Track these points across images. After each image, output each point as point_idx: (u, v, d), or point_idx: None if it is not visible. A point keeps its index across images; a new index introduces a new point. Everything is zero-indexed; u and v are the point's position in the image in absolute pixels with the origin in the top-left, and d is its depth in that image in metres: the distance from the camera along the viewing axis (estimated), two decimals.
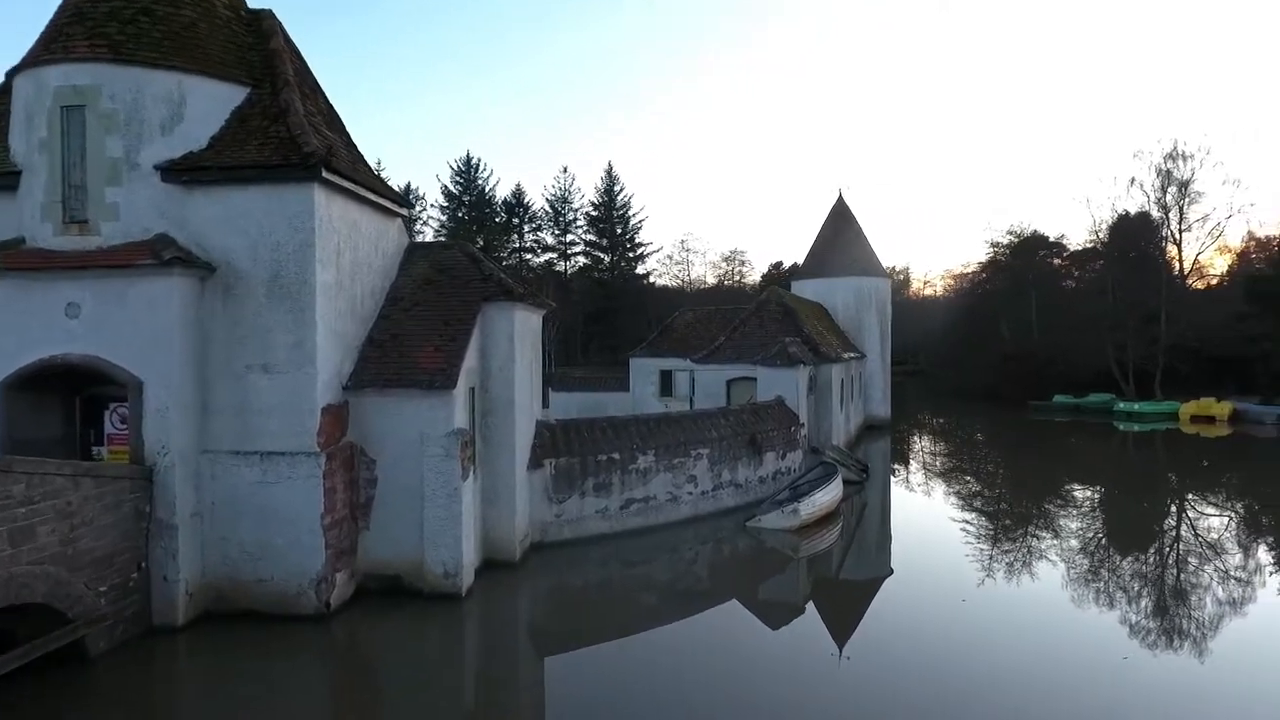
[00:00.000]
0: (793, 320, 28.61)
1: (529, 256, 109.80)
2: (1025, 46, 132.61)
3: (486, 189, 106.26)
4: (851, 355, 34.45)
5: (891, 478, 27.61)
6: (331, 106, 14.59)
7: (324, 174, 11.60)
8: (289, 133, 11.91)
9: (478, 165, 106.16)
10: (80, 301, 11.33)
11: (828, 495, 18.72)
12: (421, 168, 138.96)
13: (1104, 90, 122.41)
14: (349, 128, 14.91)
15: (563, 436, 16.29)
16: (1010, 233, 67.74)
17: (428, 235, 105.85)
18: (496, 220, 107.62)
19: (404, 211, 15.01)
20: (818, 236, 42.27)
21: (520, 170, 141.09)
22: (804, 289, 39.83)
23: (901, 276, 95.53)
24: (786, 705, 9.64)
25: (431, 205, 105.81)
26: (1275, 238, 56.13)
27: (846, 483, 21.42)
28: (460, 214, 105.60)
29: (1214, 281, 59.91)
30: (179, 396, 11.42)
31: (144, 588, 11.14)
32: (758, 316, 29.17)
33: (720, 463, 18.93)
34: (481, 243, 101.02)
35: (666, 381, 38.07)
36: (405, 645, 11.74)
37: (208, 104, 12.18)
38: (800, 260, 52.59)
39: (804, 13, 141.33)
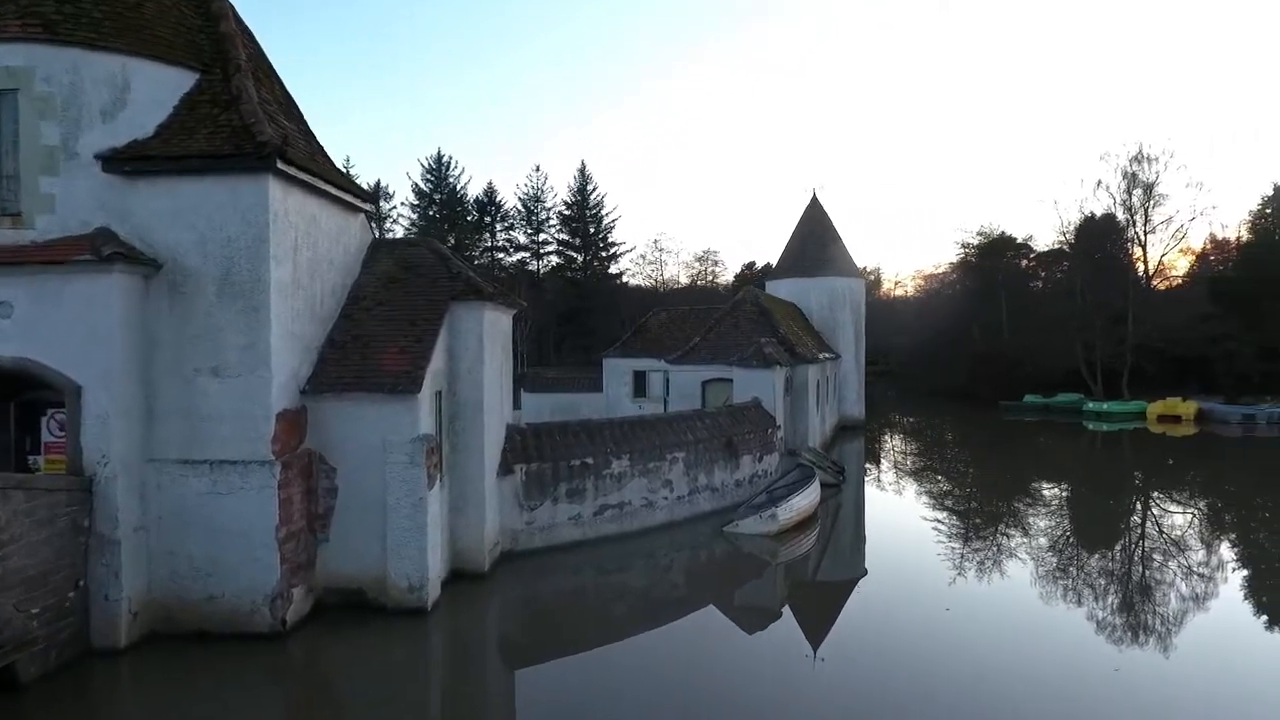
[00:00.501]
0: (768, 321, 28.29)
1: (501, 256, 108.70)
2: (996, 48, 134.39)
3: (458, 187, 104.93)
4: (827, 356, 34.28)
5: (865, 478, 27.49)
6: (289, 94, 13.88)
7: (279, 165, 10.92)
8: (242, 121, 11.21)
9: (449, 163, 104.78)
10: (12, 300, 10.52)
11: (805, 499, 18.37)
12: (392, 165, 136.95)
13: (1074, 92, 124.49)
14: (317, 124, 14.32)
15: (534, 441, 15.72)
16: (980, 234, 68.47)
17: (398, 233, 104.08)
18: (468, 219, 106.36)
19: (367, 206, 14.34)
20: (792, 236, 42.08)
21: (492, 168, 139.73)
22: (778, 289, 39.60)
23: (873, 277, 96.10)
24: (761, 709, 9.51)
25: (402, 203, 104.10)
26: (1236, 240, 57.28)
27: (823, 485, 21.11)
28: (431, 212, 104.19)
29: (1176, 283, 61.03)
30: (121, 402, 10.66)
31: (82, 608, 10.36)
32: (733, 317, 28.79)
33: (696, 467, 18.49)
34: (453, 241, 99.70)
35: (640, 382, 37.65)
36: (367, 663, 11.10)
37: (154, 89, 11.42)
38: (773, 260, 52.54)
39: (776, 14, 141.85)
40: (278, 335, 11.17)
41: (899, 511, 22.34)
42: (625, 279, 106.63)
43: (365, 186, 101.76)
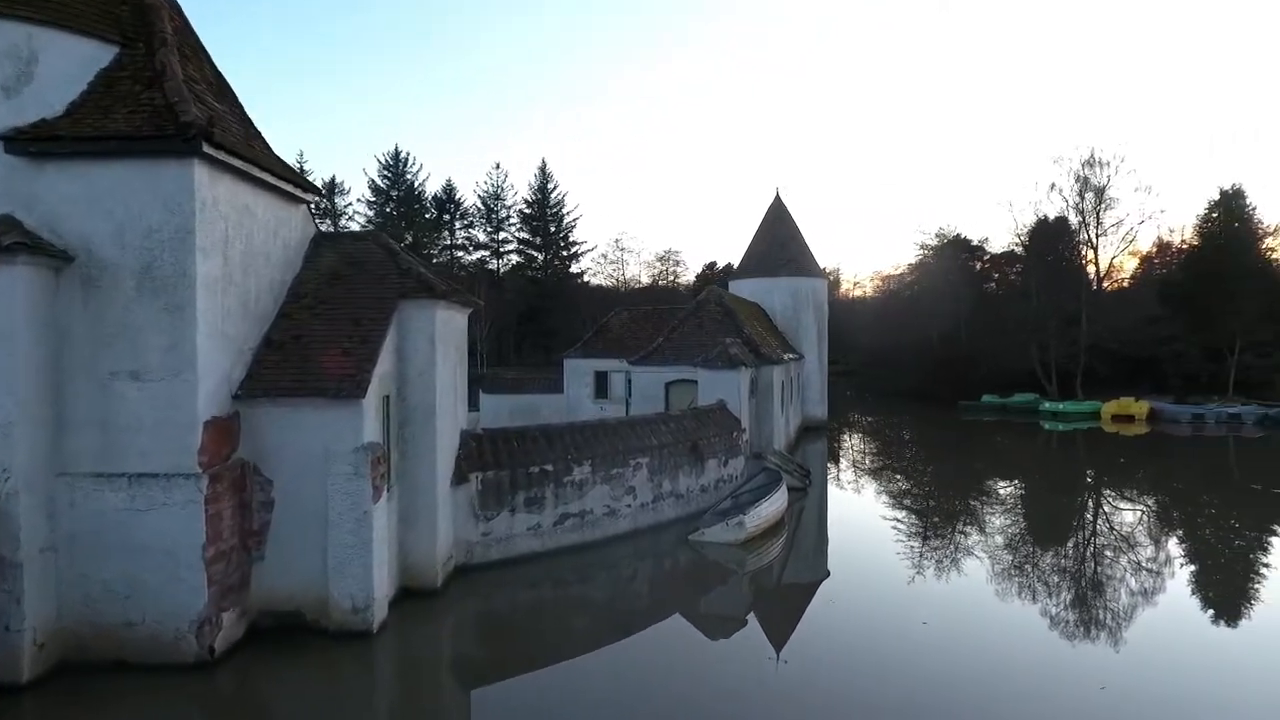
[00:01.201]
0: (733, 321, 27.80)
1: (461, 254, 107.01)
2: (955, 51, 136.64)
3: (416, 184, 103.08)
4: (791, 356, 33.96)
5: (829, 480, 27.28)
6: (221, 75, 12.81)
7: (206, 148, 9.92)
8: (165, 100, 10.18)
9: (407, 159, 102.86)
10: None
11: (773, 505, 17.85)
12: (348, 161, 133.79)
13: (1033, 96, 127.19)
14: (270, 120, 13.25)
15: (490, 447, 14.88)
16: (939, 235, 69.26)
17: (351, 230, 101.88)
18: (426, 216, 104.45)
19: (309, 197, 13.34)
20: (755, 235, 41.76)
21: (451, 166, 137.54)
22: (741, 289, 39.22)
23: (832, 278, 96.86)
24: (723, 715, 9.46)
25: (358, 200, 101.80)
26: (1183, 243, 58.77)
27: (790, 490, 20.65)
28: (389, 209, 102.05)
29: (1124, 284, 62.44)
30: (25, 409, 9.57)
31: None
32: (696, 317, 28.24)
33: (661, 472, 17.82)
34: (410, 239, 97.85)
35: (602, 383, 36.93)
36: (305, 692, 10.20)
37: (65, 63, 10.32)
38: (734, 260, 52.30)
39: (737, 13, 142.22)
40: (205, 335, 10.17)
41: (861, 511, 22.27)
42: (586, 278, 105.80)
43: (319, 182, 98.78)
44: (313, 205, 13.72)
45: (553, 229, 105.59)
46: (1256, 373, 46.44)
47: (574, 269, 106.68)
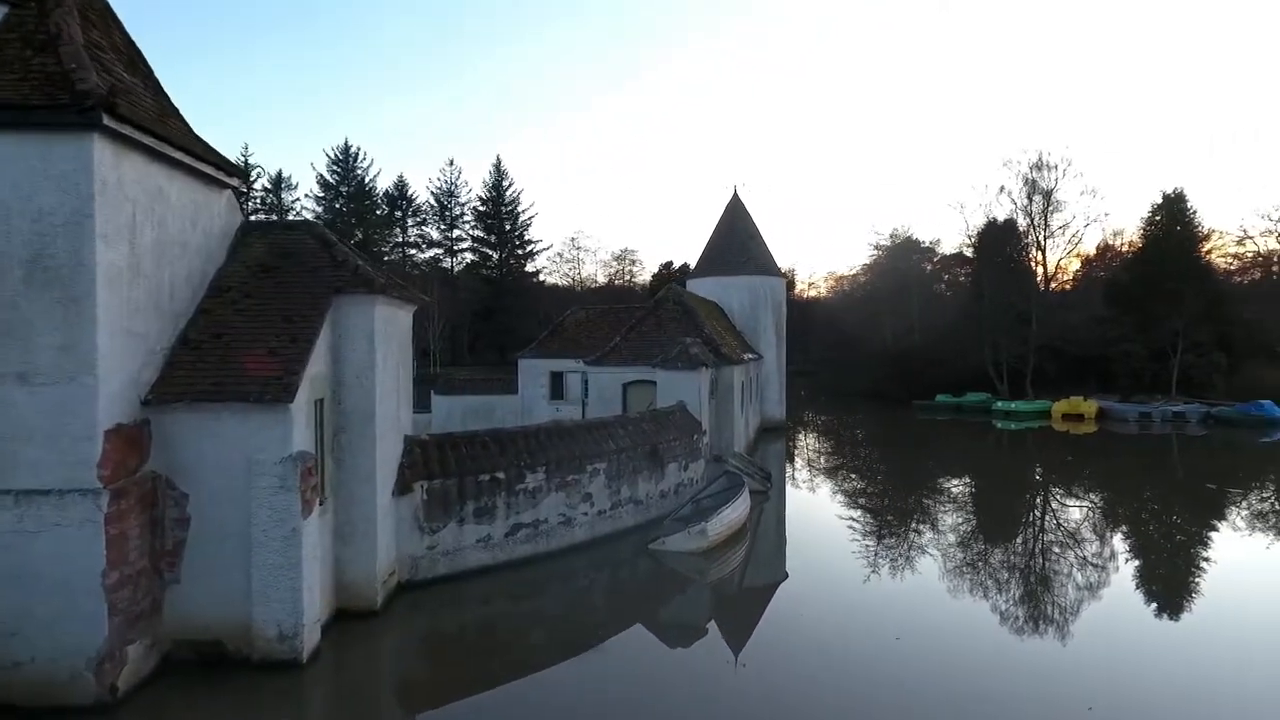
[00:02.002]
0: (692, 320, 27.12)
1: (414, 252, 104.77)
2: (906, 56, 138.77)
3: (366, 179, 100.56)
4: (750, 356, 33.47)
5: (787, 480, 26.98)
6: (135, 46, 11.56)
7: (108, 121, 8.77)
8: (60, 66, 9.00)
9: (357, 154, 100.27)
10: None
11: (735, 512, 17.18)
12: (296, 155, 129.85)
13: (982, 101, 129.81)
14: (215, 110, 12.11)
15: (437, 454, 13.87)
16: (893, 236, 69.89)
17: None
18: (377, 213, 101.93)
19: (234, 181, 12.16)
20: (713, 234, 41.19)
21: (403, 161, 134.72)
22: (699, 288, 38.60)
23: (788, 278, 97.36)
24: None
25: (306, 195, 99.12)
26: (1127, 245, 60.28)
27: (752, 493, 20.04)
28: (338, 205, 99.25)
29: (1069, 285, 63.79)
30: None
31: None
32: (655, 316, 27.48)
33: (619, 478, 17.00)
34: (361, 236, 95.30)
35: (558, 384, 36.02)
36: None
37: None
38: (691, 260, 51.73)
39: (693, 11, 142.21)
40: (108, 333, 9.01)
41: (818, 511, 22.13)
42: (542, 277, 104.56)
43: (265, 176, 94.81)
44: (241, 191, 12.53)
45: (508, 227, 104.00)
46: (1198, 372, 47.64)
47: (529, 268, 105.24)
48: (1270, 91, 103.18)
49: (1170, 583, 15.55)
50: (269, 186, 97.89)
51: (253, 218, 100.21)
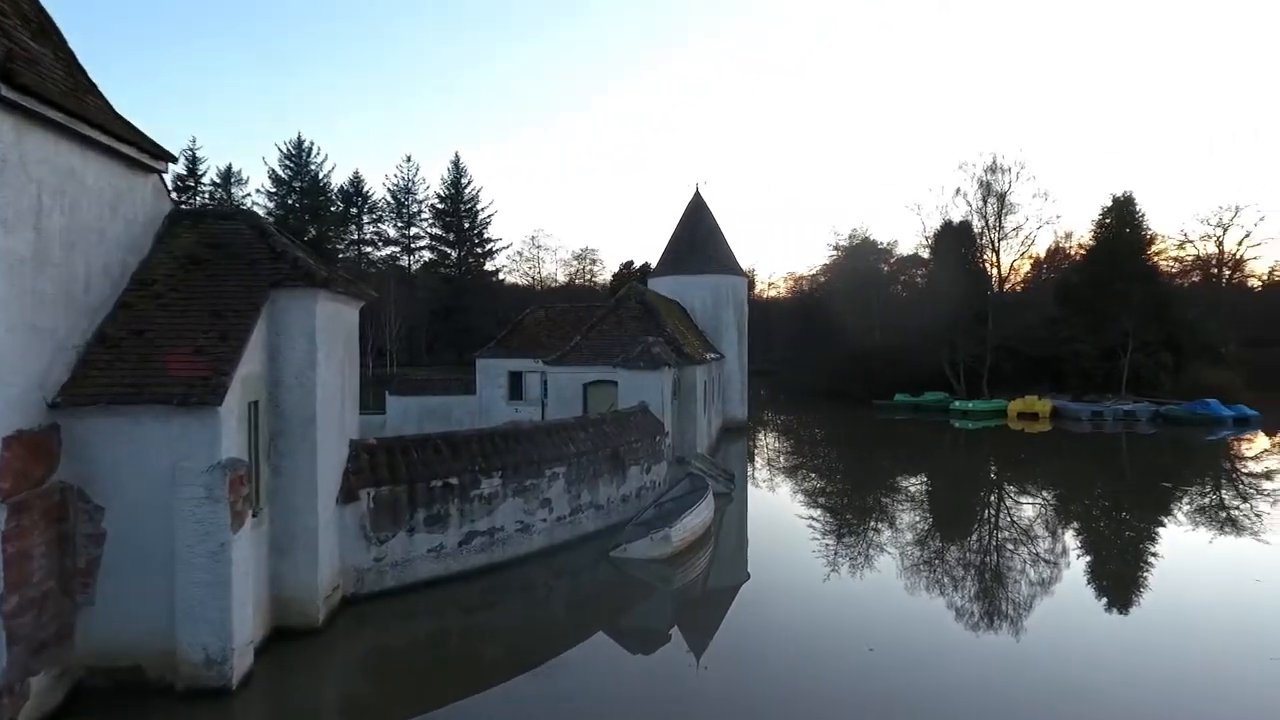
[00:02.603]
0: (654, 319, 26.57)
1: (370, 249, 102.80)
2: (873, 57, 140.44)
3: (320, 175, 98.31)
4: (713, 356, 33.08)
5: (749, 481, 26.69)
6: (47, 15, 10.56)
7: (6, 91, 7.84)
8: None
9: (310, 149, 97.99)
10: None
11: (700, 516, 16.67)
12: (246, 149, 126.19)
13: (939, 102, 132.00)
14: (164, 102, 11.01)
15: (385, 459, 13.06)
16: (852, 236, 70.43)
17: None
18: (332, 210, 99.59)
19: (160, 165, 11.21)
20: (675, 232, 40.74)
21: (359, 157, 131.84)
22: (660, 286, 38.11)
23: (749, 277, 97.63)
24: None
25: (257, 190, 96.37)
26: (1078, 247, 61.60)
27: (716, 496, 19.57)
28: (291, 201, 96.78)
29: (1021, 286, 64.97)
30: None
31: None
32: (616, 314, 26.87)
33: (579, 482, 16.35)
34: (314, 233, 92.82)
35: (516, 384, 35.24)
36: None
37: None
38: (652, 260, 51.25)
39: (657, 11, 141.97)
40: (5, 327, 8.08)
41: (780, 511, 21.87)
42: (502, 276, 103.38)
43: (214, 170, 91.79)
44: (167, 175, 11.56)
45: (466, 225, 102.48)
46: (1146, 371, 48.76)
47: (489, 266, 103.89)
48: (1212, 102, 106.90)
49: (1120, 578, 15.70)
50: (218, 181, 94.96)
51: None
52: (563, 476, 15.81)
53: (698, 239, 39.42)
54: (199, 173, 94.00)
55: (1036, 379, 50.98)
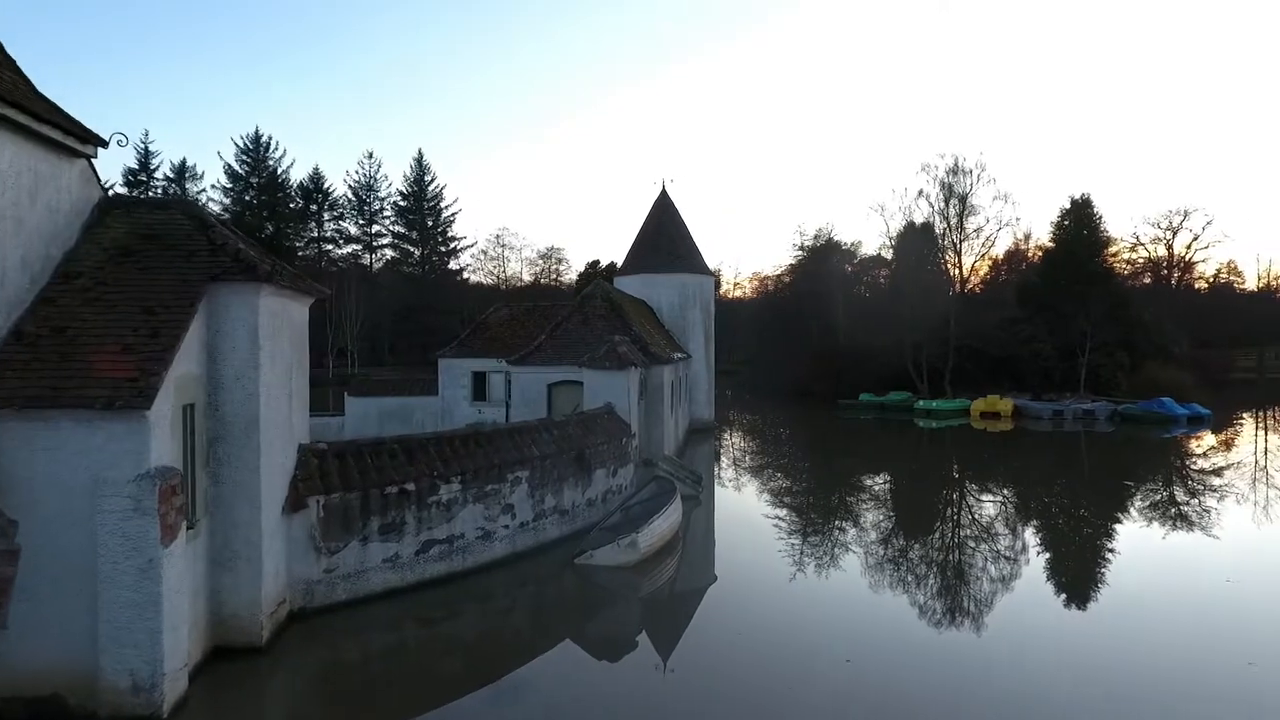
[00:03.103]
0: (620, 318, 26.07)
1: (330, 247, 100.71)
2: (834, 60, 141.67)
3: (279, 171, 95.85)
4: (680, 356, 32.68)
5: (716, 482, 26.50)
6: None
7: None
8: None
9: (269, 143, 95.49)
10: None
11: (668, 520, 16.20)
12: (202, 143, 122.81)
13: (907, 104, 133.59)
14: (105, 92, 10.17)
15: (337, 465, 12.35)
16: (817, 236, 70.73)
17: None
18: (291, 206, 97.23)
19: (89, 149, 10.38)
20: (641, 230, 40.26)
21: (319, 153, 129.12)
22: (626, 285, 37.62)
23: (716, 277, 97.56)
24: None
25: (213, 186, 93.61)
26: (1036, 248, 62.62)
27: (684, 498, 19.15)
28: (248, 197, 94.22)
29: (980, 288, 65.87)
30: None
31: None
32: (581, 313, 26.31)
33: (543, 486, 15.77)
34: (272, 229, 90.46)
35: (480, 384, 34.42)
36: None
37: None
38: (618, 259, 50.70)
39: (624, 7, 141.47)
40: None
41: (747, 512, 21.66)
42: (466, 275, 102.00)
43: (167, 165, 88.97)
44: (93, 160, 10.72)
45: (430, 223, 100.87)
46: (1104, 371, 49.68)
47: (453, 265, 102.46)
48: (1169, 107, 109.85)
49: (1075, 574, 15.86)
50: (172, 176, 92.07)
51: None
52: (526, 481, 15.23)
53: (664, 237, 39.01)
54: (151, 167, 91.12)
55: (998, 378, 51.59)
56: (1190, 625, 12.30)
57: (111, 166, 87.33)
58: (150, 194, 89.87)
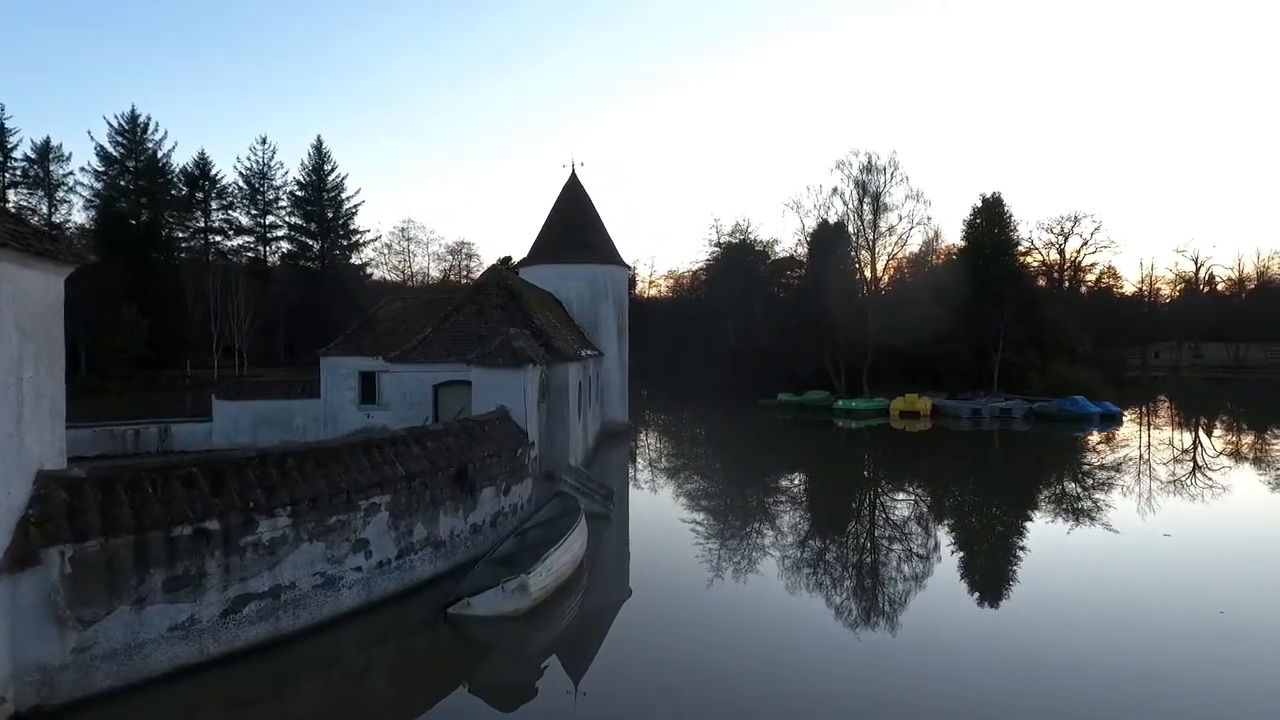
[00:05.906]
0: (521, 309, 23.02)
1: (219, 239, 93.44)
2: (756, 51, 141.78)
3: (159, 154, 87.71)
4: (590, 353, 29.83)
5: (632, 484, 24.41)
6: None
7: None
8: None
9: (147, 124, 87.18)
10: None
11: (568, 552, 13.30)
12: (70, 122, 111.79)
13: (821, 102, 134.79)
14: None
15: (99, 500, 8.91)
16: (733, 233, 69.37)
17: (76, 205, 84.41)
18: (173, 193, 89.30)
19: None
20: (549, 217, 37.17)
21: (204, 136, 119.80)
22: (533, 276, 34.51)
23: (631, 270, 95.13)
24: None
25: (82, 169, 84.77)
26: (950, 247, 62.90)
27: (592, 516, 16.36)
28: (123, 182, 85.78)
29: (897, 286, 65.87)
30: None
31: None
32: (475, 303, 23.13)
33: (410, 514, 12.62)
34: (148, 217, 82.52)
35: (369, 385, 30.62)
36: None
37: None
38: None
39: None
40: None
41: (662, 518, 20.06)
42: (369, 270, 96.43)
43: (28, 143, 79.90)
44: None
45: (330, 215, 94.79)
46: (1016, 369, 49.86)
47: (355, 260, 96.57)
48: (1068, 112, 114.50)
49: (993, 572, 15.73)
50: (32, 156, 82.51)
51: (9, 192, 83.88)
52: (386, 508, 12.04)
53: (574, 225, 36.03)
54: (8, 146, 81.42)
55: (915, 377, 51.15)
56: (1101, 620, 12.17)
57: None
58: (7, 175, 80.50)
